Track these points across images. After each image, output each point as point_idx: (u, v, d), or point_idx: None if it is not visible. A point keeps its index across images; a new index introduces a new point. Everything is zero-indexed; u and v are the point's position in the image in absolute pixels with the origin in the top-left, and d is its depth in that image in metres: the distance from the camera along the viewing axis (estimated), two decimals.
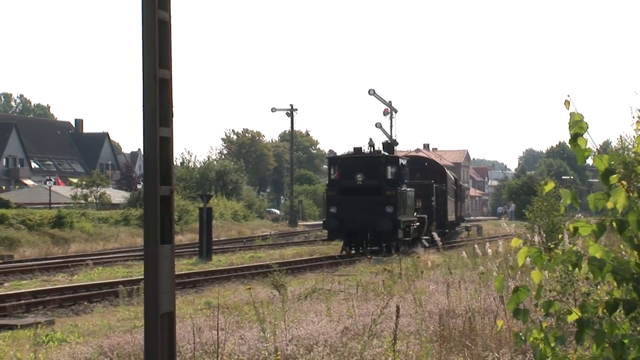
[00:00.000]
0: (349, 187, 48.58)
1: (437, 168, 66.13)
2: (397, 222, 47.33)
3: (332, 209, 48.39)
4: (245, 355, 12.43)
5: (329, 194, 49.70)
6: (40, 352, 13.59)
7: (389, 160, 50.73)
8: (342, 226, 47.39)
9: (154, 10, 10.47)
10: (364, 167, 48.81)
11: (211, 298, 22.80)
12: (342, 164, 50.84)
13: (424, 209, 56.77)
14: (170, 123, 10.93)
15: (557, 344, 4.43)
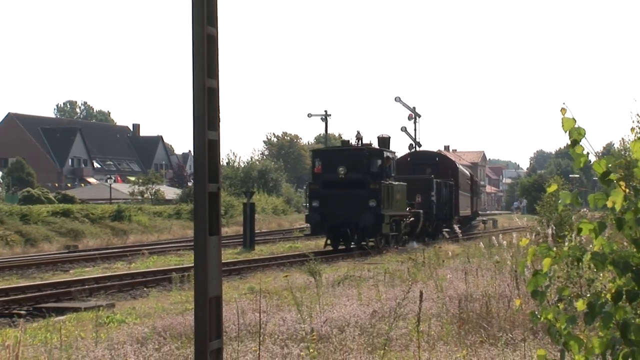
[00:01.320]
0: (331, 181, 42.25)
1: (448, 163, 59.80)
2: (381, 216, 41.12)
3: (314, 203, 42.24)
4: (284, 334, 12.41)
5: (312, 188, 43.71)
6: (102, 332, 13.62)
7: (373, 153, 44.00)
8: (324, 221, 41.40)
9: (203, 26, 10.49)
10: (346, 160, 42.58)
11: (254, 284, 22.79)
12: (325, 157, 44.68)
13: (423, 204, 50.36)
14: (217, 127, 10.93)
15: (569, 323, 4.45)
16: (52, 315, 18.29)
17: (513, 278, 15.47)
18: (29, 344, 11.22)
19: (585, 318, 4.47)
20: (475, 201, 77.67)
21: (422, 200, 49.83)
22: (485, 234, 51.89)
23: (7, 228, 47.70)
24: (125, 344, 12.19)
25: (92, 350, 11.52)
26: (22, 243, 47.02)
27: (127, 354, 11.10)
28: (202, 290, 10.46)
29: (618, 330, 4.39)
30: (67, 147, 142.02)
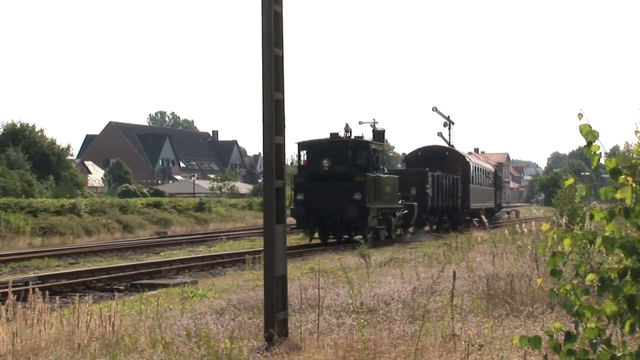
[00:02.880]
0: (316, 174, 35.30)
1: (457, 157, 51.24)
2: (366, 209, 34.12)
3: (299, 197, 35.23)
4: (339, 307, 12.38)
5: (297, 181, 36.38)
6: (187, 304, 13.65)
7: (359, 145, 36.72)
8: (308, 214, 34.52)
9: (271, 48, 10.48)
10: (332, 153, 35.62)
11: (313, 264, 22.78)
12: (310, 149, 37.03)
13: (418, 197, 42.51)
14: (282, 133, 10.92)
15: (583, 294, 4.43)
16: (145, 290, 18.41)
17: (533, 260, 15.38)
18: (127, 314, 11.29)
19: (598, 290, 4.46)
20: (499, 195, 71.59)
21: (417, 193, 42.64)
22: (509, 223, 51.44)
23: (108, 217, 48.21)
24: (206, 314, 12.23)
25: (179, 320, 11.56)
26: (121, 230, 47.50)
27: (207, 322, 11.13)
28: (271, 270, 10.47)
29: (626, 303, 4.36)
30: (158, 150, 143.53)
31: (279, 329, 10.08)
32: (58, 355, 7.79)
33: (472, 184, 51.69)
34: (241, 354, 8.88)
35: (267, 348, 9.53)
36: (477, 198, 53.31)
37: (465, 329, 10.14)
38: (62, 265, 27.49)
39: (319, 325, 10.60)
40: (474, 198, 51.83)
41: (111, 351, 8.67)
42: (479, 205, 53.59)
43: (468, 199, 50.26)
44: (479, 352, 8.69)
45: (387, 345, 9.58)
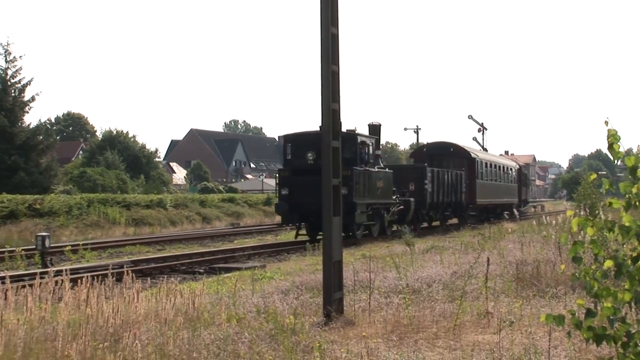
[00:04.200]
0: (301, 168, 29.61)
1: (463, 153, 44.92)
2: (353, 204, 28.42)
3: (283, 191, 30.03)
4: (387, 288, 12.35)
5: (281, 175, 31.13)
6: (257, 285, 13.73)
7: (346, 137, 27.03)
8: (293, 209, 29.27)
9: (329, 65, 10.50)
10: (317, 145, 26.29)
11: (365, 251, 22.75)
12: (294, 142, 31.24)
13: (416, 192, 36.65)
14: (338, 137, 10.94)
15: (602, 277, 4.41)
16: (221, 273, 18.54)
17: (557, 248, 15.30)
18: (206, 293, 11.36)
19: (615, 274, 4.44)
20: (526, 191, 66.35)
21: (415, 189, 37.04)
22: (535, 215, 50.98)
23: (190, 210, 48.71)
24: (273, 294, 12.27)
25: (250, 298, 11.62)
26: (200, 221, 47.88)
27: (274, 301, 11.17)
28: (328, 256, 10.48)
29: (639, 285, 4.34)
30: (232, 153, 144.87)
31: (336, 307, 10.11)
32: (148, 327, 7.86)
33: (480, 179, 45.61)
34: (303, 328, 8.90)
35: (325, 323, 9.57)
36: (486, 194, 46.93)
37: (497, 308, 10.09)
38: (151, 251, 27.78)
39: (370, 303, 10.59)
40: (482, 194, 45.65)
41: (193, 325, 8.74)
42: (488, 201, 47.84)
43: (474, 194, 44.10)
44: (509, 328, 8.63)
45: (429, 321, 9.55)
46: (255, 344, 7.91)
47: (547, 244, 17.74)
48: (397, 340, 8.47)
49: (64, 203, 39.06)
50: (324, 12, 10.42)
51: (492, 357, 7.13)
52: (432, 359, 7.37)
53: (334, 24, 10.58)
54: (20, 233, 32.42)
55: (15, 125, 55.79)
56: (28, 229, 32.99)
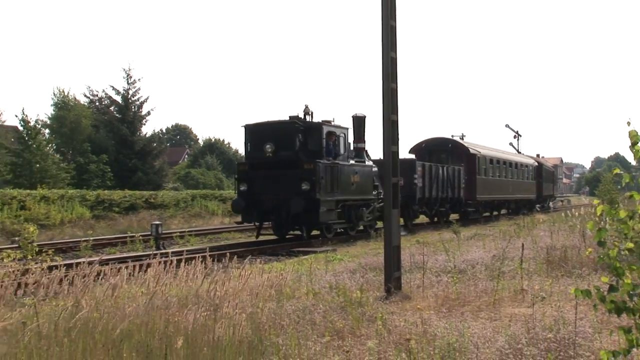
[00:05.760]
0: (259, 161, 22.85)
1: (461, 149, 38.26)
2: (316, 201, 21.96)
3: (242, 187, 23.01)
4: (438, 269, 12.26)
5: (240, 169, 23.67)
6: (329, 266, 13.77)
7: (310, 127, 23.22)
8: (251, 207, 22.62)
9: (389, 83, 10.47)
10: (276, 136, 22.82)
11: (419, 238, 22.64)
12: (253, 133, 23.47)
13: (405, 187, 27.59)
14: (397, 143, 10.89)
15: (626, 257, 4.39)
16: (300, 255, 18.65)
17: (581, 235, 15.09)
18: (288, 271, 11.43)
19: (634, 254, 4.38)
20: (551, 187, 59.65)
21: (405, 184, 28.50)
22: (562, 208, 50.06)
23: None
24: (343, 272, 12.30)
25: (324, 276, 11.67)
26: None
27: (344, 278, 11.21)
28: (389, 241, 10.45)
29: None
30: None
31: (395, 284, 10.09)
32: (242, 299, 7.95)
33: (482, 175, 39.09)
34: (368, 301, 8.90)
35: (386, 297, 9.57)
36: (489, 190, 40.33)
37: (531, 286, 9.96)
38: (243, 237, 28.02)
39: (423, 281, 10.55)
40: (483, 190, 39.11)
41: (277, 297, 8.81)
42: (492, 197, 41.11)
43: (474, 190, 37.66)
44: (541, 303, 8.51)
45: (473, 296, 9.47)
46: (328, 314, 7.94)
47: (573, 232, 17.47)
48: (446, 312, 8.43)
49: (173, 198, 39.78)
50: (384, 38, 10.42)
51: (527, 327, 7.04)
52: (476, 327, 7.30)
53: (393, 49, 10.57)
54: (138, 222, 33.08)
55: (135, 134, 57.09)
56: (145, 219, 33.64)
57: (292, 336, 6.69)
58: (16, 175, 45.48)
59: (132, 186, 48.65)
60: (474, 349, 6.08)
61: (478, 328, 7.25)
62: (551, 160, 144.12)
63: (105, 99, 58.57)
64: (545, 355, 6.00)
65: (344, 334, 7.13)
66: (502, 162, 43.20)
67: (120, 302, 7.39)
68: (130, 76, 57.81)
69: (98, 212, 33.79)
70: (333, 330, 7.18)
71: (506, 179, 43.63)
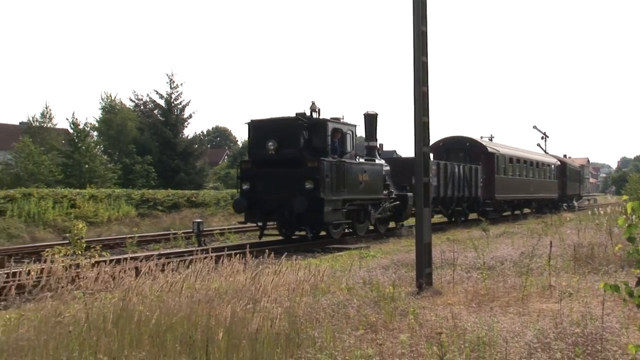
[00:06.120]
0: (262, 159, 21.22)
1: (479, 147, 36.02)
2: (320, 201, 20.19)
3: (244, 186, 21.49)
4: (467, 265, 12.19)
5: (243, 167, 22.04)
6: (363, 262, 13.76)
7: (315, 124, 21.35)
8: (253, 207, 21.05)
9: (420, 87, 10.43)
10: (279, 133, 21.02)
11: (449, 235, 22.52)
12: (256, 129, 21.77)
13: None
14: (428, 144, 10.84)
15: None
16: (335, 252, 18.65)
17: (607, 233, 14.87)
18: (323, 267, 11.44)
19: None
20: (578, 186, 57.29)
21: None
22: (589, 207, 49.36)
23: None
24: (376, 268, 12.28)
25: (358, 272, 11.66)
26: None
27: (377, 274, 11.18)
28: (420, 238, 10.41)
29: None
30: None
31: (426, 280, 10.04)
32: (280, 293, 7.99)
33: (500, 174, 36.80)
34: (400, 296, 8.88)
35: (418, 292, 9.53)
36: (508, 189, 37.90)
37: (558, 282, 9.85)
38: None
39: (454, 277, 10.49)
40: (502, 189, 36.78)
41: (313, 292, 8.82)
42: (511, 197, 38.66)
43: (493, 189, 35.48)
44: (569, 298, 8.41)
45: (502, 292, 9.39)
46: (362, 308, 7.93)
47: (599, 230, 17.23)
48: (476, 306, 8.37)
49: (214, 197, 40.01)
50: (415, 43, 10.37)
51: (555, 322, 6.96)
52: (505, 322, 7.24)
53: (424, 53, 10.52)
54: (181, 220, 33.36)
55: (177, 136, 57.59)
56: (187, 217, 33.91)
57: (327, 329, 6.70)
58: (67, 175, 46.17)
59: (175, 186, 49.09)
60: (503, 342, 6.03)
61: (507, 323, 7.19)
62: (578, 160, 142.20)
63: (150, 103, 59.20)
64: (572, 350, 5.93)
65: (377, 327, 7.12)
66: (523, 161, 41.15)
67: (165, 295, 7.46)
68: (172, 81, 58.34)
69: (143, 210, 34.15)
70: (367, 324, 7.17)
71: (527, 178, 41.55)
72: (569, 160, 57.70)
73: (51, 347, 5.92)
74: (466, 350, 5.89)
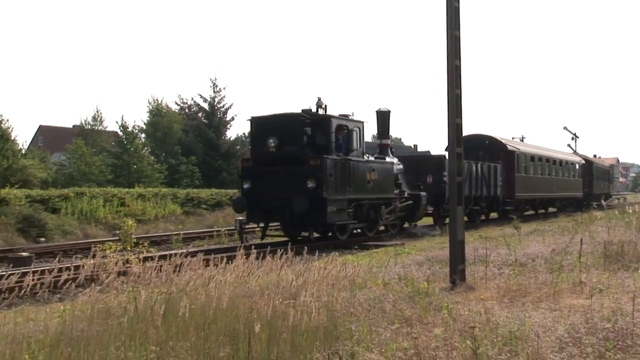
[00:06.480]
0: (263, 157, 19.74)
1: (499, 146, 33.79)
2: (323, 201, 18.70)
3: (245, 185, 20.01)
4: (499, 262, 12.07)
5: (244, 166, 20.73)
6: (398, 258, 13.70)
7: (318, 120, 19.65)
8: (254, 207, 19.62)
9: (454, 89, 10.36)
10: (280, 130, 19.40)
11: (482, 233, 22.31)
12: (258, 126, 20.25)
13: (434, 185, 26.15)
14: (461, 145, 10.77)
15: None
16: (372, 249, 18.63)
17: (637, 231, 14.63)
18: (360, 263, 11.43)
19: None
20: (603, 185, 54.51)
21: (434, 181, 26.52)
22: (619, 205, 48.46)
23: None
24: (410, 265, 12.24)
25: (393, 268, 11.63)
26: None
27: (412, 270, 11.15)
28: (454, 236, 10.34)
29: None
30: None
31: (459, 276, 9.98)
32: (318, 288, 8.00)
33: (521, 173, 34.74)
34: (434, 291, 8.83)
35: (451, 288, 9.47)
36: (529, 188, 35.74)
37: (589, 278, 9.70)
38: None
39: (486, 273, 10.40)
40: (523, 188, 34.70)
41: (351, 287, 8.82)
42: (532, 195, 36.69)
43: (513, 188, 33.48)
44: (599, 294, 8.28)
45: (533, 288, 9.28)
46: (397, 303, 7.91)
47: (629, 228, 16.93)
48: (508, 302, 8.29)
49: None
50: (449, 47, 10.32)
51: (585, 317, 6.86)
52: (537, 317, 7.16)
53: (457, 57, 10.46)
54: (224, 217, 33.61)
55: (220, 138, 58.07)
56: (229, 215, 34.10)
57: (364, 323, 6.71)
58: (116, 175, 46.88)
59: (218, 185, 49.48)
60: (535, 337, 5.97)
61: (538, 318, 7.11)
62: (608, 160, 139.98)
63: (194, 106, 59.80)
64: (603, 345, 5.84)
65: (412, 321, 7.09)
66: (545, 160, 38.94)
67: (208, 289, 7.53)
68: (216, 85, 58.86)
69: (188, 209, 34.50)
70: (402, 318, 7.15)
71: (549, 176, 39.31)
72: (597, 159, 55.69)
73: (103, 338, 6.02)
74: (499, 344, 5.85)
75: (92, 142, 54.85)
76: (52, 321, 6.84)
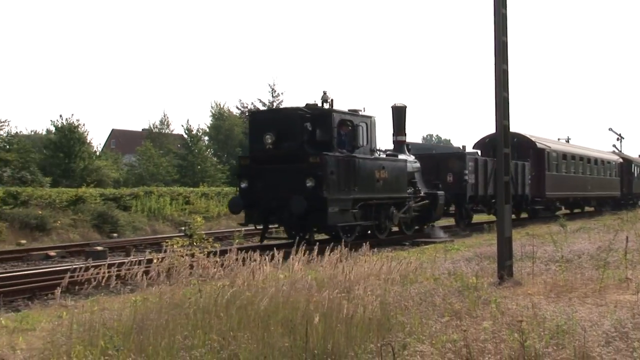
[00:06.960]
0: (260, 154, 17.32)
1: (528, 143, 31.10)
2: (323, 201, 16.27)
3: (243, 184, 17.49)
4: (546, 258, 11.88)
5: (242, 163, 18.26)
6: (448, 254, 13.53)
7: (318, 115, 17.15)
8: (251, 207, 17.44)
9: (501, 92, 10.24)
10: (278, 126, 17.02)
11: (528, 230, 21.88)
12: (255, 121, 18.40)
13: (455, 184, 23.63)
14: (508, 145, 10.63)
15: None
16: (422, 245, 18.52)
17: None
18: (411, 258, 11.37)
19: None
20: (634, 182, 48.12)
21: (454, 180, 23.85)
22: None
23: None
24: (460, 260, 12.14)
25: (443, 263, 11.57)
26: None
27: (461, 266, 11.06)
28: (501, 233, 10.21)
29: None
30: None
31: (507, 271, 9.85)
32: (372, 282, 7.99)
33: (552, 171, 32.10)
34: (483, 286, 8.74)
35: (499, 283, 9.37)
36: (560, 187, 32.85)
37: (634, 275, 9.48)
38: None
39: (533, 269, 10.25)
40: (553, 186, 31.85)
41: (403, 281, 8.79)
42: (564, 194, 33.86)
43: (543, 187, 30.91)
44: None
45: (580, 284, 9.10)
46: (447, 297, 7.86)
47: None
48: (554, 297, 8.15)
49: None
50: (497, 52, 10.20)
51: (632, 312, 6.70)
52: (583, 312, 7.01)
53: (505, 61, 10.33)
54: None
55: None
56: None
57: (415, 316, 6.68)
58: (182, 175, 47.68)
59: None
60: (582, 331, 5.85)
61: (585, 312, 6.97)
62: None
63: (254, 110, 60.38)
64: None
65: (461, 315, 7.03)
66: (579, 158, 36.36)
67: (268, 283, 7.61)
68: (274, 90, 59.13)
69: None
70: (452, 312, 7.10)
71: (583, 175, 36.61)
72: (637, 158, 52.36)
73: (170, 327, 6.15)
74: (546, 337, 5.75)
75: (159, 145, 55.93)
76: (125, 311, 7.01)
